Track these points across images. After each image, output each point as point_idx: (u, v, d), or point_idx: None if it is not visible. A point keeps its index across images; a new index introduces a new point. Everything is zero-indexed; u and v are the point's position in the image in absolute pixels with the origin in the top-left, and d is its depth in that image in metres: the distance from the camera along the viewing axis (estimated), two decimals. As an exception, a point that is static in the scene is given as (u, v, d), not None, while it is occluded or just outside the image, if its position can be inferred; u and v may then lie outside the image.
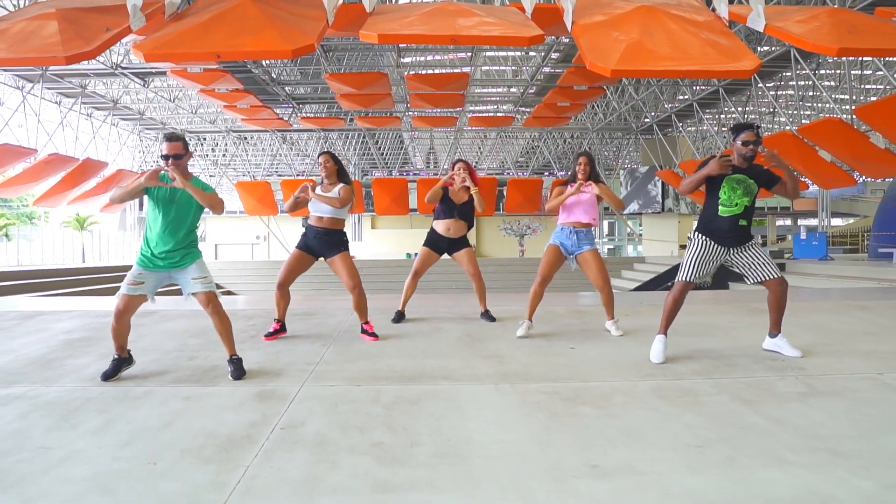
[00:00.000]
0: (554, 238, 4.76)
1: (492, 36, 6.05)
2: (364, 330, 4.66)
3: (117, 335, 3.50)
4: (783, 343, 3.93)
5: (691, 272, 3.82)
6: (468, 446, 2.46)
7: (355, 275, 4.64)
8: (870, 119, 11.13)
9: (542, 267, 4.72)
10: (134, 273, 3.49)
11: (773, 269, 3.79)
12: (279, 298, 4.69)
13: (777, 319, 3.95)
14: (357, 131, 26.91)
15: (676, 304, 3.87)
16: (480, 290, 5.49)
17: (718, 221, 3.78)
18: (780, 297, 3.85)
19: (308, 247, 4.66)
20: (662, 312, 3.90)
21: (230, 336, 3.61)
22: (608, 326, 4.76)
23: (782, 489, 2.07)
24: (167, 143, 3.49)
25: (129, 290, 3.46)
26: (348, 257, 4.69)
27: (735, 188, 3.74)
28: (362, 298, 4.68)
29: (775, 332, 3.98)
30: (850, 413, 2.81)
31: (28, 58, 5.77)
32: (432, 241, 5.36)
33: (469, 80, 16.02)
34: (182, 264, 3.54)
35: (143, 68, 16.37)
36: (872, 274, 12.48)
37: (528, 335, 4.59)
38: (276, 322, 4.70)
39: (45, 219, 31.48)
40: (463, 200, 5.30)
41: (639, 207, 28.18)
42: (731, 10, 6.53)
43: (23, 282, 14.84)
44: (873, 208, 26.20)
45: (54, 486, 2.14)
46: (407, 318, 5.41)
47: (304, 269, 4.70)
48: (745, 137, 3.69)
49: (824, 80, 18.62)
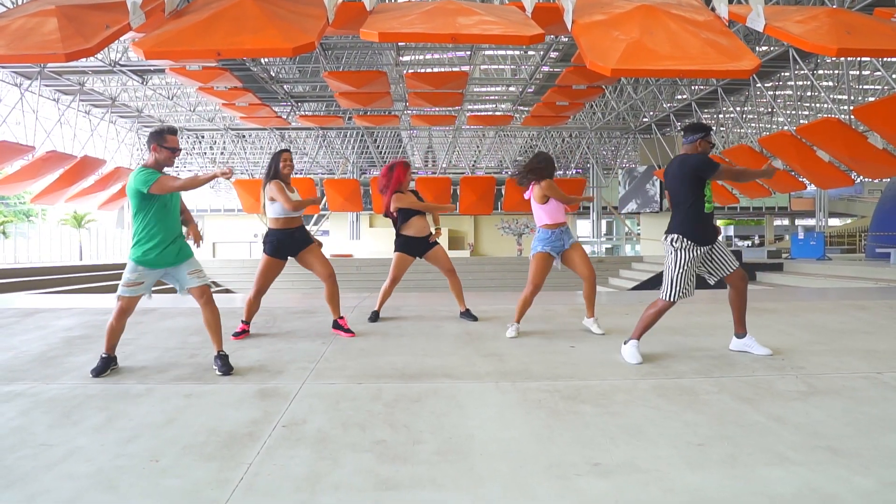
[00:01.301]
0: (542, 245, 4.68)
1: (492, 35, 6.04)
2: (338, 325, 4.65)
3: (113, 335, 3.55)
4: (752, 342, 3.92)
5: (678, 289, 3.73)
6: (470, 444, 2.47)
7: (328, 264, 4.65)
8: (868, 119, 11.14)
9: (536, 276, 4.67)
10: (133, 276, 3.49)
11: (734, 261, 3.83)
12: (252, 305, 4.67)
13: (740, 317, 3.94)
14: (356, 130, 26.87)
15: (658, 318, 3.85)
16: (457, 289, 5.41)
17: (706, 219, 3.79)
18: (742, 291, 3.87)
19: (281, 251, 4.59)
20: (640, 320, 3.87)
21: (219, 330, 3.64)
22: (589, 325, 4.75)
23: (783, 487, 2.08)
24: (172, 136, 3.55)
25: (130, 292, 3.50)
26: (318, 248, 4.68)
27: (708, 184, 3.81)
28: (336, 288, 4.66)
29: (742, 332, 3.97)
30: (849, 412, 2.83)
31: (28, 54, 5.73)
32: (405, 246, 5.31)
33: (468, 79, 16.00)
34: (179, 260, 3.57)
35: (141, 66, 16.32)
36: (870, 274, 12.52)
37: (519, 335, 4.60)
38: (243, 323, 4.67)
39: (43, 216, 31.42)
40: None
41: (637, 207, 28.17)
42: (730, 9, 6.54)
43: (21, 279, 14.81)
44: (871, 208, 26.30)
45: (57, 483, 2.14)
46: (406, 317, 5.43)
47: (277, 274, 4.68)
48: (711, 138, 3.87)
49: (822, 80, 18.65)
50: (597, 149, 29.77)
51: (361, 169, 34.45)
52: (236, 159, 30.64)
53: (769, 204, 36.28)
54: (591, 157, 29.29)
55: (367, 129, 26.35)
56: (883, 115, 10.71)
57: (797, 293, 8.39)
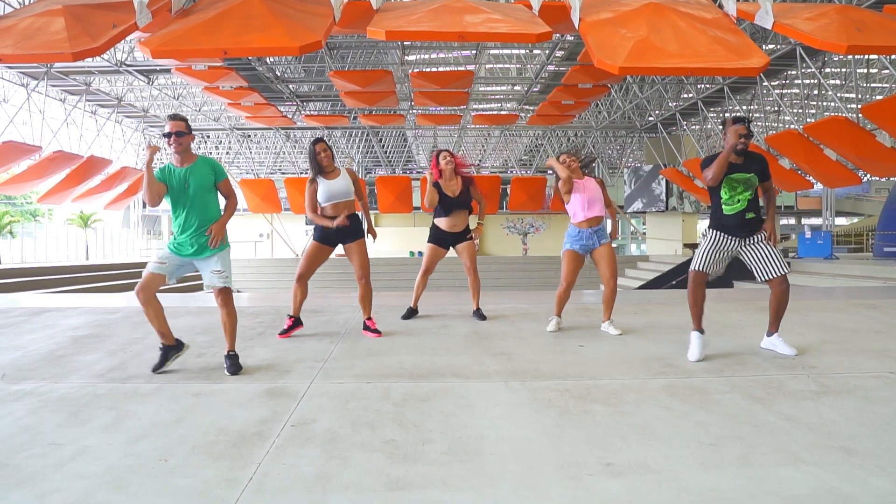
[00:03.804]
0: (572, 243, 4.66)
1: (499, 33, 6.04)
2: (367, 326, 4.64)
3: (151, 318, 3.54)
4: (779, 342, 3.92)
5: (704, 262, 3.85)
6: (480, 443, 2.45)
7: (367, 265, 4.61)
8: (876, 117, 11.08)
9: (569, 273, 4.68)
10: (160, 254, 3.60)
11: (781, 266, 3.79)
12: (297, 291, 4.59)
13: (776, 319, 3.95)
14: (361, 129, 26.90)
15: (696, 296, 3.86)
16: (475, 287, 5.38)
17: (726, 219, 3.84)
18: (780, 296, 3.86)
19: (326, 237, 4.55)
20: (690, 309, 3.88)
21: (234, 332, 3.67)
22: (606, 328, 4.70)
23: (798, 487, 2.06)
24: (171, 121, 3.54)
25: (153, 267, 3.53)
26: (365, 245, 4.62)
27: (735, 186, 3.78)
28: (369, 290, 4.64)
29: (773, 331, 3.99)
30: (862, 411, 2.80)
31: (35, 54, 5.77)
32: (437, 238, 5.31)
33: (473, 78, 15.98)
34: (205, 253, 3.57)
35: (147, 66, 16.38)
36: (878, 273, 12.43)
37: (543, 332, 4.62)
38: (289, 318, 4.62)
39: (49, 216, 31.54)
40: (457, 192, 5.20)
41: (643, 206, 28.09)
42: (739, 7, 6.51)
43: (28, 279, 14.87)
44: (878, 207, 26.15)
45: (66, 482, 2.13)
46: (415, 316, 5.41)
47: (323, 260, 4.64)
48: (737, 131, 3.72)
49: (830, 78, 18.54)
50: (602, 148, 29.71)
51: (366, 168, 34.46)
52: (242, 159, 30.73)
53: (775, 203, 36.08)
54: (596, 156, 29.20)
55: (372, 128, 26.40)
56: (891, 114, 10.66)
57: (805, 292, 8.33)
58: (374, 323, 4.66)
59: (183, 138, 3.54)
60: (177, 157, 3.58)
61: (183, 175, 3.54)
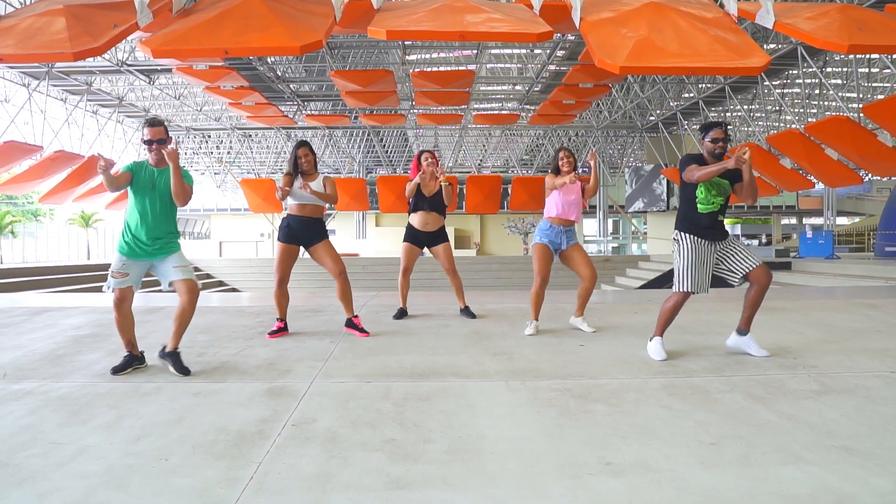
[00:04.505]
0: (542, 236, 4.69)
1: (500, 32, 6.03)
2: (352, 324, 4.62)
3: (122, 328, 3.53)
4: (751, 342, 3.83)
5: (690, 281, 3.72)
6: (480, 443, 2.45)
7: (340, 261, 4.62)
8: (878, 117, 11.06)
9: (541, 267, 4.65)
10: (117, 265, 3.51)
11: (755, 257, 3.74)
12: (280, 297, 4.64)
13: (751, 316, 3.84)
14: (362, 129, 26.89)
15: (675, 312, 3.84)
16: (457, 287, 5.46)
17: (699, 218, 3.75)
18: (763, 288, 3.74)
19: (293, 237, 4.59)
20: (659, 316, 3.87)
21: (184, 329, 3.60)
22: (578, 324, 4.74)
23: (799, 487, 2.05)
24: (150, 128, 3.51)
25: (117, 283, 3.50)
26: (331, 244, 4.67)
27: (710, 189, 3.73)
28: (347, 286, 4.62)
29: (746, 329, 3.87)
30: (863, 411, 2.79)
31: (36, 54, 5.77)
32: (412, 236, 5.42)
33: (474, 78, 15.97)
34: (164, 254, 3.55)
35: (148, 65, 16.38)
36: (879, 272, 12.42)
37: (535, 332, 4.58)
38: (279, 321, 4.66)
39: (51, 216, 31.60)
40: (433, 192, 5.34)
41: (644, 206, 28.09)
42: (740, 6, 6.50)
43: (29, 278, 14.89)
44: (879, 207, 26.12)
45: (67, 481, 2.14)
46: (414, 315, 5.42)
47: (293, 260, 4.66)
48: (714, 135, 3.71)
49: (831, 77, 18.52)
50: (603, 147, 29.69)
51: (367, 168, 34.46)
52: (243, 158, 30.73)
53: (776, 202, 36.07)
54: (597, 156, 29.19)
55: (373, 128, 26.38)
56: (893, 113, 10.64)
57: (806, 292, 8.33)
58: (359, 321, 4.66)
59: (163, 146, 3.51)
60: (154, 158, 3.56)
61: (154, 174, 3.53)
